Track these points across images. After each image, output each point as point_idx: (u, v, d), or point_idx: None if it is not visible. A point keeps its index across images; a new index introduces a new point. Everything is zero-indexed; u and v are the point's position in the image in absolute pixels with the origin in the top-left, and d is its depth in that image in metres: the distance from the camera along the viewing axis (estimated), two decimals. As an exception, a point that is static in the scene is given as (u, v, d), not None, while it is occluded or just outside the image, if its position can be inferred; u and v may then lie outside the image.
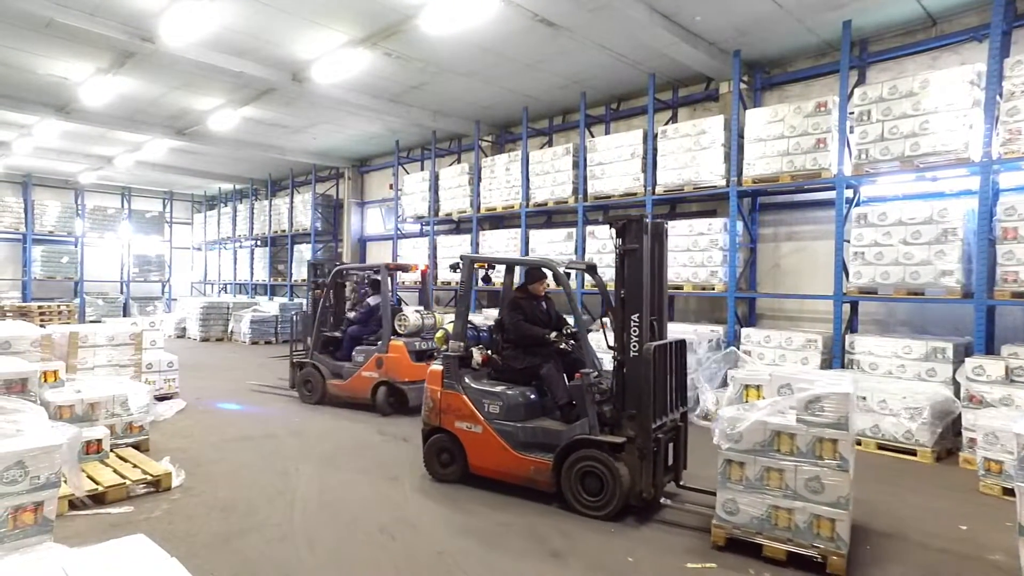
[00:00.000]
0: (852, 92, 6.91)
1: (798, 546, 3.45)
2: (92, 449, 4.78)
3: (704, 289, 8.04)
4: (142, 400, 5.46)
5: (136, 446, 5.31)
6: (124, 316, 18.16)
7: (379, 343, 7.42)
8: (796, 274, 8.22)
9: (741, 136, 7.71)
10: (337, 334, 8.08)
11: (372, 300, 7.96)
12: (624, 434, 4.10)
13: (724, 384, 7.31)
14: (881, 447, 5.84)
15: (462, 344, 4.91)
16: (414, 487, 4.79)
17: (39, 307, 13.25)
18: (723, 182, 7.84)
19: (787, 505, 3.49)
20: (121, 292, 20.18)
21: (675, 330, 8.02)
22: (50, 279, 18.26)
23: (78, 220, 18.97)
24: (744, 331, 7.58)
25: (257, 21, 7.42)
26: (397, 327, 7.40)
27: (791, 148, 7.18)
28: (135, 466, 4.71)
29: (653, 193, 8.53)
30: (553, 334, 4.72)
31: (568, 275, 4.78)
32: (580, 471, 4.21)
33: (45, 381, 4.95)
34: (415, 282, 12.13)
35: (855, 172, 6.78)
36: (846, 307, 7.10)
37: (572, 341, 4.84)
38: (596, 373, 4.36)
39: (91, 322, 14.60)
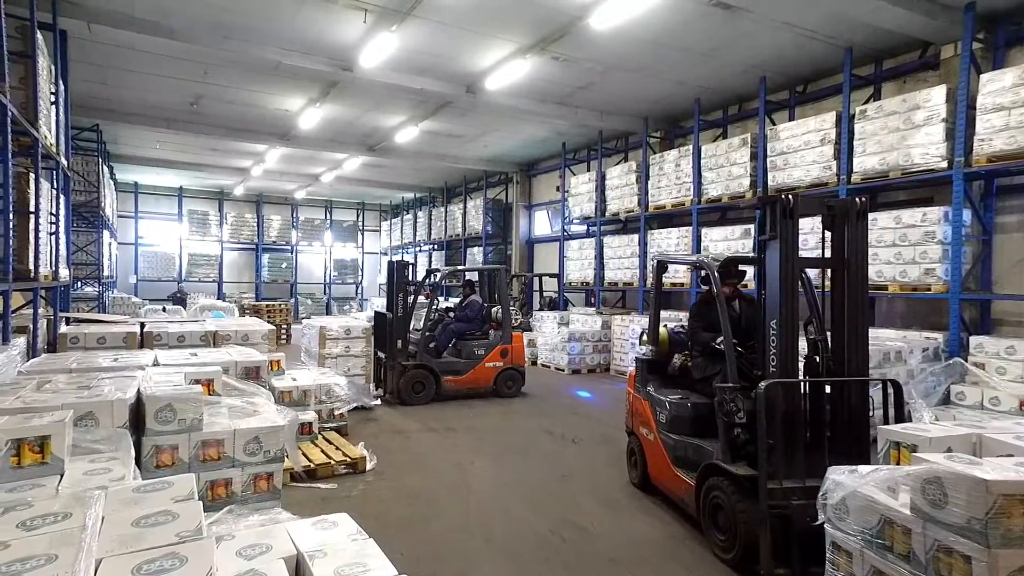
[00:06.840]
0: None
1: None
2: (305, 431, 5.50)
3: (915, 290, 6.88)
4: (343, 390, 6.17)
5: (338, 431, 6.00)
6: (327, 315, 20.88)
7: (492, 336, 8.43)
8: (1049, 272, 6.68)
9: (971, 108, 6.44)
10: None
11: (475, 299, 8.81)
12: (755, 469, 3.26)
13: (947, 401, 6.18)
14: None
15: (652, 348, 4.79)
16: (583, 489, 4.77)
17: (266, 305, 15.83)
18: (944, 164, 6.63)
19: None
20: (324, 293, 23.29)
21: (879, 336, 6.97)
22: (273, 281, 22.20)
23: (293, 231, 22.57)
24: (974, 340, 6.33)
25: (435, 40, 7.99)
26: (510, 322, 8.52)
27: (1045, 116, 5.83)
28: (337, 448, 5.33)
29: (848, 182, 7.52)
30: (719, 340, 4.00)
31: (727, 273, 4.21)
32: (711, 502, 3.64)
33: (272, 370, 5.83)
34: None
35: None
36: None
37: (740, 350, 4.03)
38: (736, 388, 3.60)
39: (307, 318, 16.93)
